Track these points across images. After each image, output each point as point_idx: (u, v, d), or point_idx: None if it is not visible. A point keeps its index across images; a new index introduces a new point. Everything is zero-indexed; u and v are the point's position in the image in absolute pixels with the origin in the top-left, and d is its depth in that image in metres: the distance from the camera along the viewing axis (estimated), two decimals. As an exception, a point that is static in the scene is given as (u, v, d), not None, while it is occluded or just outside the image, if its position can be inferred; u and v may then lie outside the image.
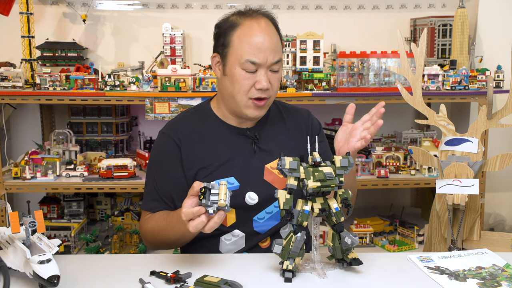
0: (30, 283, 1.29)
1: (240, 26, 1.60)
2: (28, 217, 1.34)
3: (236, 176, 1.63)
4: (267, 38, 1.58)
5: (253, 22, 1.60)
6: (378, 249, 3.02)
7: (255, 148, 1.69)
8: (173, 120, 1.77)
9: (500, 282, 1.32)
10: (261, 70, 1.59)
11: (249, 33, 1.58)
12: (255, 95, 1.60)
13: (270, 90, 1.62)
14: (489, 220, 3.46)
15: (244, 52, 1.57)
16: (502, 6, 3.32)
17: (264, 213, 1.66)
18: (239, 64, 1.58)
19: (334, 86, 2.94)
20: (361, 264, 1.37)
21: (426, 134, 3.30)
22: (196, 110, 1.78)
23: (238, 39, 1.59)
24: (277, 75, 1.64)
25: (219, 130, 1.71)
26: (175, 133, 1.69)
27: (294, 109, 1.85)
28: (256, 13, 1.63)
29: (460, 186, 1.64)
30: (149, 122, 2.96)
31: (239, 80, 1.59)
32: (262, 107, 1.64)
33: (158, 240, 1.62)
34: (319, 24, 3.31)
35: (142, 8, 3.36)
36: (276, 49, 1.60)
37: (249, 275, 1.35)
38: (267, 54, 1.57)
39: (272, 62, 1.59)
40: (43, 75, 2.85)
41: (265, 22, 1.61)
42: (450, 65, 3.03)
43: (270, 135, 1.73)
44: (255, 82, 1.59)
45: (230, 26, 1.62)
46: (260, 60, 1.57)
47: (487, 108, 1.67)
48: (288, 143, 1.73)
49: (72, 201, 3.19)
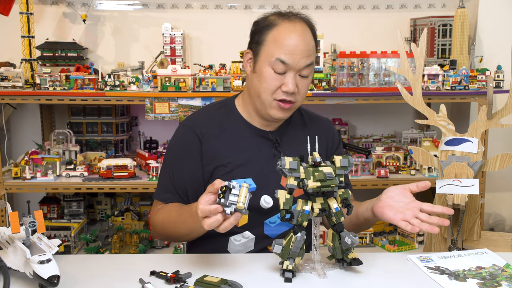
0: (30, 283, 1.29)
1: (277, 26, 1.61)
2: (28, 217, 1.34)
3: (254, 178, 1.62)
4: (301, 41, 1.58)
5: (290, 25, 1.60)
6: (378, 249, 3.02)
7: (275, 152, 1.69)
8: (196, 113, 1.77)
9: (500, 282, 1.32)
10: (290, 72, 1.59)
11: (283, 34, 1.59)
12: (280, 96, 1.60)
13: (297, 94, 1.62)
14: (489, 220, 3.46)
15: (276, 51, 1.58)
16: (502, 6, 3.32)
17: (276, 218, 1.66)
18: (269, 62, 1.59)
19: (334, 86, 2.94)
20: (361, 264, 1.37)
21: (426, 134, 3.30)
22: (221, 106, 1.77)
23: (272, 38, 1.60)
24: (306, 81, 1.63)
25: (241, 129, 1.70)
26: (198, 126, 1.68)
27: (316, 117, 1.85)
28: (295, 16, 1.64)
29: (460, 186, 1.64)
30: (149, 122, 2.96)
31: (267, 79, 1.60)
32: (286, 110, 1.64)
33: (167, 232, 1.62)
34: (319, 24, 3.26)
35: (142, 8, 3.36)
36: (309, 54, 1.60)
37: (249, 275, 1.35)
38: (298, 57, 1.57)
39: (302, 66, 1.59)
40: (43, 75, 2.85)
41: (301, 26, 1.62)
42: (450, 65, 3.03)
43: (291, 141, 1.72)
44: (283, 84, 1.59)
45: (267, 25, 1.63)
46: (290, 61, 1.57)
47: (487, 108, 1.67)
48: (305, 151, 1.71)
49: (72, 201, 3.19)
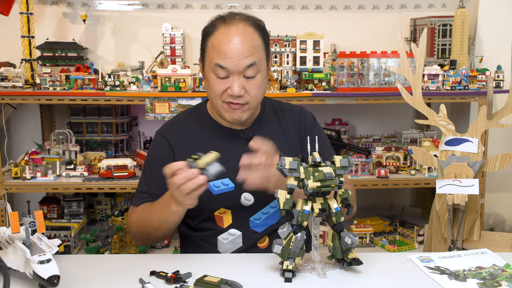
0: (30, 283, 1.29)
1: (214, 32, 1.59)
2: (28, 217, 1.34)
3: (231, 177, 1.62)
4: (237, 43, 1.55)
5: (226, 28, 1.57)
6: (378, 249, 3.02)
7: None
8: (169, 121, 1.79)
9: (500, 282, 1.32)
10: (233, 76, 1.57)
11: (219, 39, 1.57)
12: (228, 99, 1.60)
13: (247, 96, 1.59)
14: (489, 220, 3.46)
15: (214, 57, 1.57)
16: (502, 6, 3.32)
17: (260, 214, 1.66)
18: (211, 69, 1.59)
19: (334, 86, 2.94)
20: (361, 264, 1.37)
21: (426, 134, 3.30)
22: (192, 111, 1.79)
23: (211, 45, 1.59)
24: (254, 81, 1.59)
25: (213, 132, 1.71)
26: (169, 134, 1.71)
27: (287, 107, 1.84)
28: (233, 18, 1.59)
29: (460, 186, 1.64)
30: (149, 122, 2.96)
31: (211, 85, 1.60)
32: (239, 110, 1.62)
33: (141, 228, 1.63)
34: (319, 24, 3.31)
35: (142, 8, 3.36)
36: (247, 55, 1.55)
37: (249, 275, 1.35)
38: (236, 59, 1.54)
39: (243, 68, 1.56)
40: (43, 75, 2.85)
41: (238, 27, 1.57)
42: (450, 65, 3.03)
43: (265, 135, 1.72)
44: (228, 87, 1.58)
45: (206, 33, 1.63)
46: (228, 65, 1.55)
47: (487, 108, 1.67)
48: (283, 144, 1.71)
49: (72, 201, 3.19)
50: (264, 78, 1.65)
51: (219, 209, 1.66)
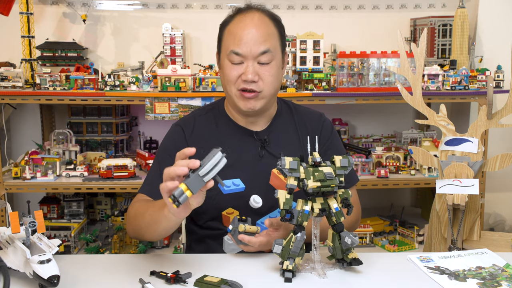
0: (30, 283, 1.29)
1: (232, 21, 1.64)
2: (28, 217, 1.34)
3: (242, 178, 1.62)
4: (253, 29, 1.59)
5: (241, 17, 1.63)
6: (378, 249, 3.02)
7: (263, 152, 1.69)
8: (188, 115, 1.80)
9: (500, 282, 1.32)
10: (247, 61, 1.61)
11: (235, 27, 1.62)
12: (241, 85, 1.61)
13: (261, 83, 1.61)
14: (489, 220, 3.46)
15: (230, 44, 1.61)
16: (502, 6, 3.32)
17: (267, 218, 1.66)
18: (227, 56, 1.63)
19: (334, 86, 2.94)
20: (361, 264, 1.37)
21: (426, 134, 3.30)
22: (210, 108, 1.80)
23: (227, 33, 1.64)
24: (267, 68, 1.62)
25: (229, 130, 1.72)
26: (187, 126, 1.72)
27: (306, 111, 1.83)
28: (249, 9, 1.65)
29: (460, 186, 1.64)
30: (149, 122, 2.96)
31: (226, 71, 1.63)
32: (252, 99, 1.63)
33: (136, 219, 1.56)
34: (319, 24, 3.31)
35: (142, 8, 3.36)
36: (263, 40, 1.60)
37: (249, 275, 1.35)
38: (251, 45, 1.59)
39: (257, 53, 1.60)
40: (43, 75, 2.85)
41: (253, 15, 1.62)
42: (450, 65, 3.03)
43: (279, 139, 1.72)
44: (242, 73, 1.61)
45: (224, 23, 1.67)
46: (243, 51, 1.59)
47: (487, 108, 1.67)
48: (296, 149, 1.70)
49: (72, 201, 3.19)
50: (279, 68, 1.67)
51: (227, 209, 1.66)
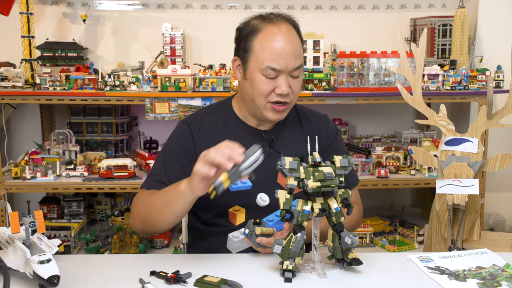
0: (30, 283, 1.29)
1: (261, 31, 1.60)
2: (28, 217, 1.34)
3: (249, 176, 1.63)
4: (288, 44, 1.58)
5: (274, 28, 1.60)
6: (378, 249, 3.02)
7: (271, 151, 1.69)
8: (195, 113, 1.79)
9: (500, 282, 1.32)
10: (281, 76, 1.59)
11: (270, 39, 1.58)
12: (274, 99, 1.61)
13: (291, 95, 1.62)
14: (489, 220, 3.46)
15: (265, 58, 1.58)
16: (502, 6, 3.32)
17: (273, 216, 1.66)
18: (260, 70, 1.59)
19: (334, 86, 2.94)
20: (361, 264, 1.37)
21: (426, 134, 3.30)
22: (218, 107, 1.79)
23: (259, 45, 1.59)
24: (298, 80, 1.64)
25: (237, 129, 1.72)
26: (194, 124, 1.71)
27: (312, 113, 1.84)
28: (277, 18, 1.62)
29: (460, 186, 1.64)
30: (149, 122, 2.96)
31: (259, 85, 1.60)
32: (282, 111, 1.64)
33: (146, 208, 1.55)
34: (319, 24, 3.31)
35: (142, 8, 3.36)
36: (297, 55, 1.60)
37: (249, 275, 1.35)
38: (288, 60, 1.57)
39: (293, 68, 1.59)
40: (43, 75, 2.85)
41: (286, 27, 1.61)
42: (450, 65, 3.03)
43: (286, 139, 1.73)
44: (276, 87, 1.60)
45: (251, 31, 1.62)
46: (281, 67, 1.57)
47: (487, 108, 1.67)
48: (304, 147, 1.71)
49: (72, 201, 3.19)
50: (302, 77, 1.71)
51: (234, 206, 1.66)
